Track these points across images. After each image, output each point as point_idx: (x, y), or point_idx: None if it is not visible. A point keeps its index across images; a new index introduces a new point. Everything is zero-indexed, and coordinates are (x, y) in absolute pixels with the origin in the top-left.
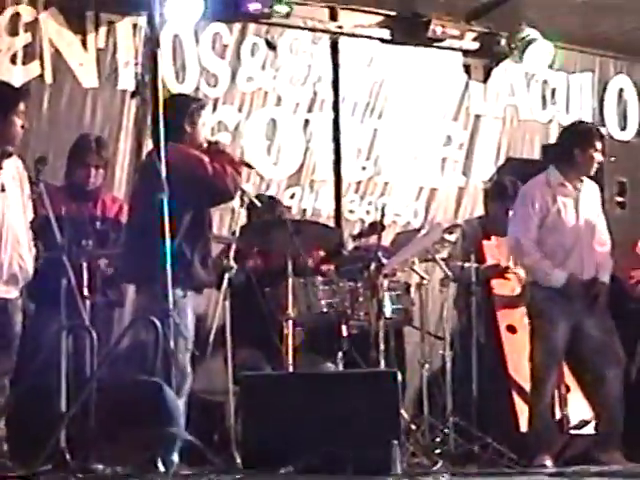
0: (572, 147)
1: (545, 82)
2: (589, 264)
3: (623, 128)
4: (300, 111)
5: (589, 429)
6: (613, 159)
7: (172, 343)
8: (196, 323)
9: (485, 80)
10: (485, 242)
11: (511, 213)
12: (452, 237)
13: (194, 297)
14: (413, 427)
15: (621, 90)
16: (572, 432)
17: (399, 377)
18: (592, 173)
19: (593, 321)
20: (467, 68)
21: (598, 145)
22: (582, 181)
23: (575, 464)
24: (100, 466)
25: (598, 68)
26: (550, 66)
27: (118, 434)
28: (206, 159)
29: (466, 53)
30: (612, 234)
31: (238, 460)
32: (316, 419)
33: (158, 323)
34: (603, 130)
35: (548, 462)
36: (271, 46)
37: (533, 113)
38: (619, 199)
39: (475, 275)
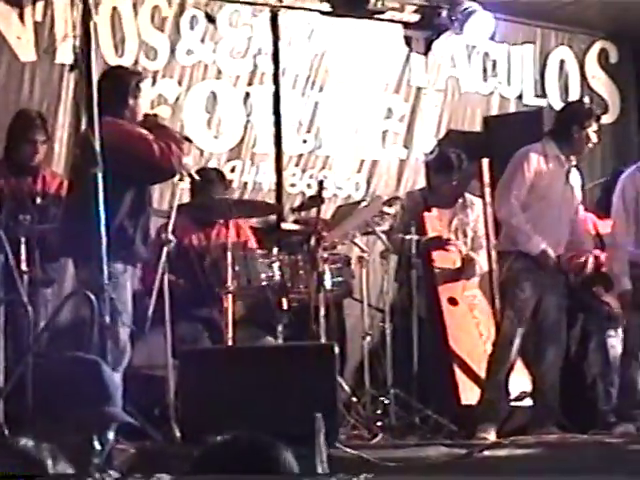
0: (571, 123)
1: (486, 54)
2: (565, 240)
3: (564, 100)
4: (240, 84)
5: (529, 401)
6: (547, 129)
7: (108, 318)
8: (135, 298)
9: (426, 52)
10: (426, 214)
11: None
12: (392, 210)
13: (133, 272)
14: (354, 399)
15: (562, 62)
16: (512, 404)
17: (337, 349)
18: (583, 152)
19: (554, 298)
20: (408, 40)
21: (595, 126)
22: (571, 162)
23: (514, 435)
24: (31, 443)
25: (539, 40)
26: (491, 38)
27: (54, 411)
28: (150, 137)
29: (407, 25)
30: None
31: (177, 434)
32: (255, 392)
33: (94, 298)
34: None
35: (492, 434)
36: (211, 19)
37: (474, 85)
38: None
39: (416, 247)
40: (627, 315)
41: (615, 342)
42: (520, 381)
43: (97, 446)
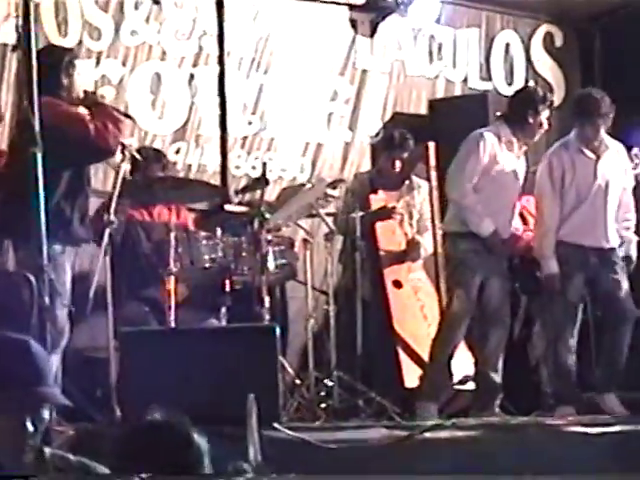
0: (525, 108)
1: (432, 37)
2: (511, 223)
3: (510, 83)
4: (185, 65)
5: (472, 385)
6: (499, 114)
7: (47, 299)
8: (77, 279)
9: (371, 35)
10: (372, 196)
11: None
12: (336, 192)
13: (73, 253)
14: (298, 381)
15: (507, 45)
16: (456, 387)
17: (278, 331)
18: (534, 138)
19: (499, 281)
20: (353, 23)
21: (547, 112)
22: (524, 145)
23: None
24: None
25: (485, 23)
26: (437, 21)
27: None
28: (87, 117)
29: (352, 7)
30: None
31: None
32: (197, 374)
33: (32, 278)
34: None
35: (434, 412)
36: (155, 0)
37: (420, 68)
38: None
39: (361, 222)
40: (552, 299)
41: None
42: (464, 364)
43: (30, 427)
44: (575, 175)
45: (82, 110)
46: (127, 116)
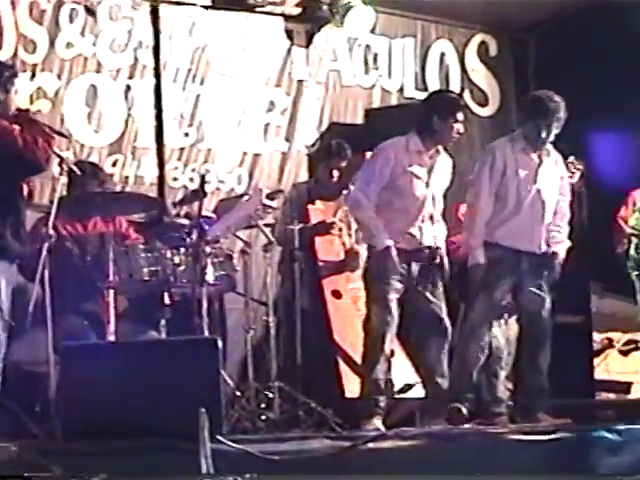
0: (431, 114)
1: (367, 47)
2: (428, 234)
3: None
4: (121, 78)
5: (413, 393)
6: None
7: None
8: (16, 293)
9: (307, 45)
10: (310, 206)
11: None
12: (274, 203)
13: (8, 268)
14: (238, 393)
15: (442, 55)
16: (396, 396)
17: (220, 343)
18: (447, 142)
19: (427, 287)
20: (289, 33)
21: (459, 115)
22: (439, 152)
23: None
24: None
25: (420, 33)
26: (372, 31)
27: None
28: (16, 130)
29: (288, 18)
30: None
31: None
32: (138, 387)
33: None
34: (463, 101)
35: (378, 425)
36: (90, 12)
37: (356, 78)
38: None
39: (300, 235)
40: (474, 290)
41: (498, 333)
42: (404, 373)
43: None
44: (517, 175)
45: (14, 126)
46: (60, 134)
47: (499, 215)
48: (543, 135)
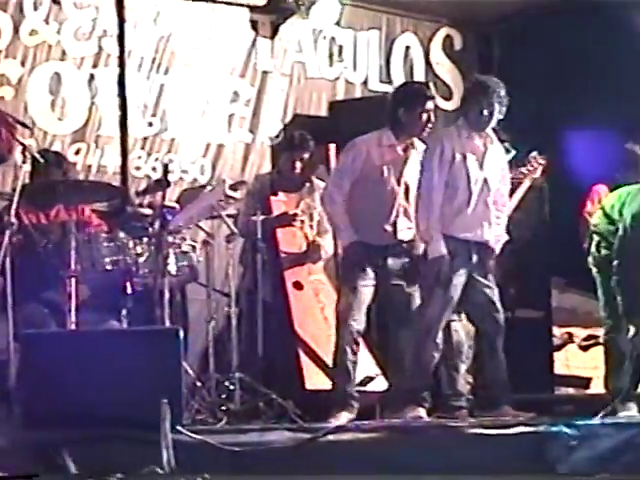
0: (397, 107)
1: (332, 39)
2: (404, 229)
3: None
4: (85, 66)
5: (374, 386)
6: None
7: None
8: None
9: (272, 36)
10: (273, 198)
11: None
12: (237, 194)
13: None
14: (199, 384)
15: (407, 48)
16: (357, 389)
17: (181, 334)
18: (423, 135)
19: (391, 282)
20: (254, 24)
21: (428, 105)
22: (413, 145)
23: (359, 420)
24: None
25: (385, 26)
26: (337, 23)
27: None
28: None
29: (253, 9)
30: None
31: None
32: (99, 377)
33: None
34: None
35: (344, 420)
36: (55, 0)
37: (320, 70)
38: None
39: (262, 227)
40: (430, 284)
41: (459, 326)
42: (365, 366)
43: None
44: (465, 162)
45: None
46: (23, 124)
47: (451, 205)
48: (485, 113)
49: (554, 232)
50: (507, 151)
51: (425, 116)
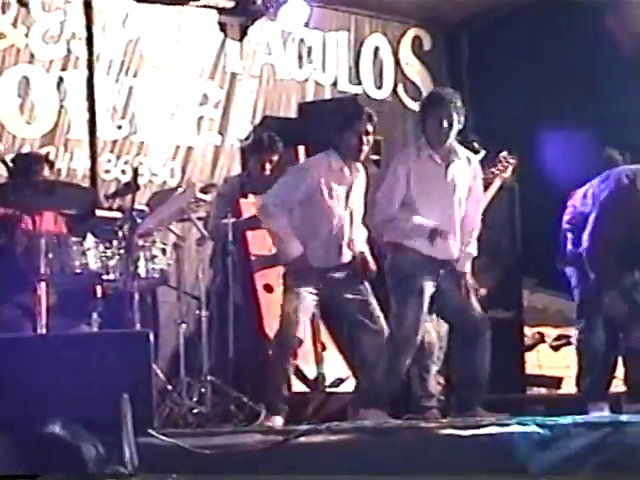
0: (342, 131)
1: (301, 41)
2: (348, 253)
3: (379, 87)
4: (54, 69)
5: (346, 387)
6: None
7: None
8: None
9: (241, 38)
10: (243, 200)
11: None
12: (207, 197)
13: None
14: (169, 387)
15: (377, 49)
16: (328, 390)
17: (152, 337)
18: (361, 158)
19: (344, 291)
20: (222, 26)
21: (368, 127)
22: (357, 169)
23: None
24: None
25: (354, 27)
26: (306, 25)
27: None
28: None
29: (221, 11)
30: (367, 192)
31: None
32: (69, 381)
33: None
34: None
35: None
36: (22, 3)
37: (289, 72)
38: (374, 157)
39: (232, 230)
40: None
41: (429, 328)
42: (335, 367)
43: None
44: (424, 182)
45: None
46: None
47: (410, 221)
48: (445, 125)
49: (525, 232)
50: (476, 152)
51: (365, 139)
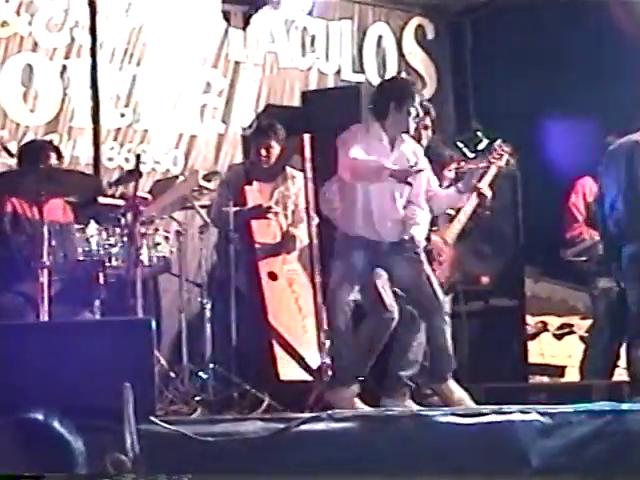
0: (388, 101)
1: (305, 29)
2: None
3: (382, 76)
4: (57, 57)
5: None
6: (371, 106)
7: None
8: None
9: (244, 27)
10: (247, 187)
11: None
12: (210, 184)
13: None
14: (172, 374)
15: (380, 38)
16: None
17: (154, 325)
18: (411, 131)
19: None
20: (226, 15)
21: (417, 100)
22: (402, 139)
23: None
24: None
25: (357, 15)
26: (309, 13)
27: None
28: None
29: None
30: None
31: None
32: (72, 368)
33: None
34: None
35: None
36: None
37: (293, 60)
38: None
39: (235, 217)
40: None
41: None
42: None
43: None
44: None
45: None
46: None
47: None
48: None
49: (528, 221)
50: (479, 141)
51: (413, 111)
